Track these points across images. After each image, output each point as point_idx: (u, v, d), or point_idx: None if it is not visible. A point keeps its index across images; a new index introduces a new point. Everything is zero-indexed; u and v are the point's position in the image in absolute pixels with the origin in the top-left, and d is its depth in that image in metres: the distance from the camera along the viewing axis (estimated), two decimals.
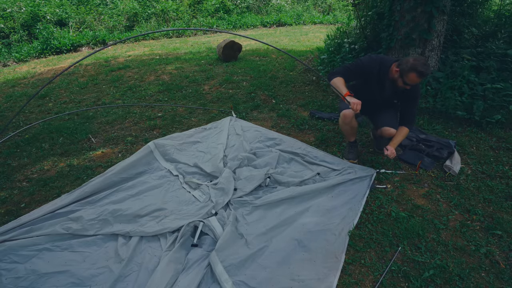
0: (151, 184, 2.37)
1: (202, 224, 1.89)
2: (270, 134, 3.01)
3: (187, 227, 1.86)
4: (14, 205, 2.28)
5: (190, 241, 1.82)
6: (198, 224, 1.89)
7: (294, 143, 2.83)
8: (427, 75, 2.08)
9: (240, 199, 2.15)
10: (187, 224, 1.87)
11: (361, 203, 2.11)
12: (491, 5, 4.88)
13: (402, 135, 2.34)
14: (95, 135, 3.29)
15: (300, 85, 4.50)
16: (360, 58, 2.38)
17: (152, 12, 9.87)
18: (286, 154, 2.67)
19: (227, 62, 5.86)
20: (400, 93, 2.31)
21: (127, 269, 1.67)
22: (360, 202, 2.12)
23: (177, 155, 2.70)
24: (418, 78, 2.07)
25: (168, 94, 4.41)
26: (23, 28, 7.92)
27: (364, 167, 2.46)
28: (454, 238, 1.87)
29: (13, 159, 2.90)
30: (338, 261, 1.69)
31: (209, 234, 1.87)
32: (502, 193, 2.21)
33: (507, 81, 3.10)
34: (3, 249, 1.75)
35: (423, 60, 2.05)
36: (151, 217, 2.03)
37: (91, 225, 1.93)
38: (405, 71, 2.09)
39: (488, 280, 1.61)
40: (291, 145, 2.80)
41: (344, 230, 1.90)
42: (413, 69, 2.04)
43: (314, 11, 13.31)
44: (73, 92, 4.67)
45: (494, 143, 2.79)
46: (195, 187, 2.33)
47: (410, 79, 2.09)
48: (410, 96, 2.30)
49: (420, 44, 3.48)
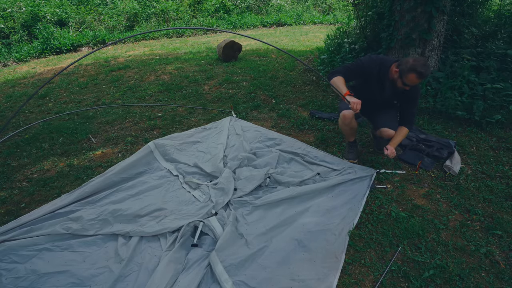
0: (151, 184, 2.37)
1: (202, 224, 1.89)
2: (270, 134, 3.01)
3: (187, 227, 1.86)
4: (14, 205, 2.28)
5: (190, 241, 1.82)
6: (198, 224, 1.89)
7: (294, 143, 2.83)
8: (426, 76, 2.07)
9: (240, 199, 2.15)
10: (187, 224, 1.87)
11: (361, 203, 2.11)
12: (491, 5, 4.88)
13: (401, 135, 2.33)
14: (95, 135, 3.29)
15: (300, 85, 4.50)
16: (360, 58, 2.38)
17: (152, 12, 9.87)
18: (286, 154, 2.67)
19: (227, 62, 5.86)
20: (399, 93, 2.31)
21: (127, 269, 1.67)
22: (360, 202, 2.12)
23: (177, 155, 2.70)
24: (417, 79, 2.06)
25: (168, 94, 4.41)
26: (23, 28, 7.92)
27: (364, 167, 2.46)
28: (454, 238, 1.87)
29: (13, 159, 2.90)
30: (338, 261, 1.69)
31: (209, 234, 1.87)
32: (502, 193, 2.21)
33: (507, 81, 3.11)
34: (3, 249, 1.75)
35: (422, 61, 2.04)
36: (151, 217, 2.03)
37: (91, 225, 1.93)
38: (404, 71, 2.08)
39: (488, 280, 1.61)
40: (291, 145, 2.80)
41: (344, 230, 1.90)
42: (413, 69, 2.03)
43: (314, 11, 13.31)
44: (73, 92, 4.67)
45: (494, 143, 2.79)
46: (195, 187, 2.33)
47: (410, 79, 2.08)
48: (410, 96, 2.30)
49: (420, 44, 3.49)
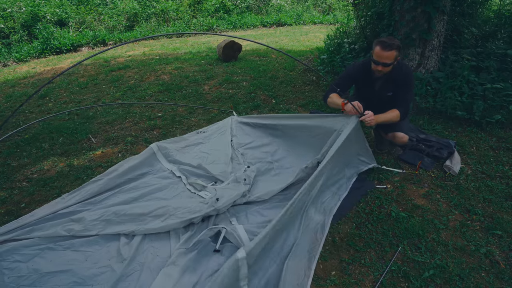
0: (154, 184, 2.36)
1: (225, 230, 1.83)
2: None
3: (208, 231, 1.81)
4: (14, 205, 2.29)
5: (207, 249, 1.76)
6: (221, 230, 1.84)
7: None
8: (390, 45, 2.09)
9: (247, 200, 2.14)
10: (209, 229, 1.83)
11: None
12: (491, 5, 4.88)
13: (390, 115, 2.27)
14: (95, 135, 3.30)
15: (300, 85, 4.50)
16: (346, 68, 2.47)
17: (152, 12, 9.86)
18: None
19: (227, 62, 5.86)
20: (390, 82, 2.33)
21: (129, 269, 1.67)
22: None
23: (180, 156, 2.67)
24: (381, 50, 2.10)
25: (168, 94, 4.41)
26: (23, 28, 7.91)
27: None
28: (454, 238, 1.88)
29: (13, 159, 2.91)
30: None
31: (232, 242, 1.79)
32: (502, 193, 2.21)
33: (507, 81, 3.11)
34: (7, 249, 1.74)
35: (389, 36, 2.13)
36: (155, 216, 1.99)
37: (93, 225, 1.92)
38: (372, 50, 2.17)
39: (488, 280, 1.61)
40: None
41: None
42: (376, 43, 2.11)
43: (314, 11, 13.30)
44: (73, 92, 4.67)
45: (494, 143, 2.80)
46: (200, 189, 2.31)
47: (376, 54, 2.14)
48: (400, 83, 2.31)
49: (420, 44, 3.49)
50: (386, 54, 2.12)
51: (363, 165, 2.39)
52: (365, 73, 2.39)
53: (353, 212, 2.09)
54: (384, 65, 2.17)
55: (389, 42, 2.08)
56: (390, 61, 2.16)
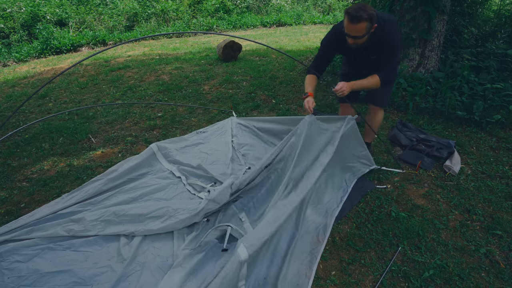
0: (154, 185, 2.35)
1: (231, 228, 1.82)
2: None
3: (214, 231, 1.80)
4: (14, 205, 2.29)
5: (214, 251, 1.74)
6: (227, 229, 1.82)
7: None
8: (357, 17, 1.81)
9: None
10: (214, 228, 1.82)
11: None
12: (491, 5, 4.89)
13: (369, 81, 2.07)
14: (95, 135, 3.30)
15: (300, 85, 4.50)
16: (322, 40, 2.24)
17: (152, 12, 9.86)
18: None
19: (227, 62, 5.86)
20: (372, 46, 2.05)
21: (130, 269, 1.67)
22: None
23: (179, 156, 2.67)
24: (348, 22, 1.84)
25: (168, 94, 4.41)
26: (23, 28, 7.91)
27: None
28: (454, 238, 1.88)
29: (13, 159, 2.91)
30: None
31: (238, 239, 1.77)
32: (502, 193, 2.21)
33: (507, 81, 3.11)
34: (7, 249, 1.75)
35: (360, 3, 1.87)
36: (155, 217, 1.99)
37: (93, 225, 1.92)
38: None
39: (488, 280, 1.61)
40: None
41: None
42: (344, 13, 1.86)
43: (314, 11, 13.30)
44: (73, 92, 4.67)
45: (494, 143, 2.80)
46: (199, 190, 2.31)
47: (345, 26, 1.88)
48: (383, 45, 2.04)
49: (420, 44, 3.49)
50: (354, 27, 1.85)
51: (363, 167, 2.39)
52: (339, 40, 2.10)
53: (353, 212, 2.09)
54: (354, 38, 1.91)
55: (356, 13, 1.78)
56: (361, 34, 1.88)
